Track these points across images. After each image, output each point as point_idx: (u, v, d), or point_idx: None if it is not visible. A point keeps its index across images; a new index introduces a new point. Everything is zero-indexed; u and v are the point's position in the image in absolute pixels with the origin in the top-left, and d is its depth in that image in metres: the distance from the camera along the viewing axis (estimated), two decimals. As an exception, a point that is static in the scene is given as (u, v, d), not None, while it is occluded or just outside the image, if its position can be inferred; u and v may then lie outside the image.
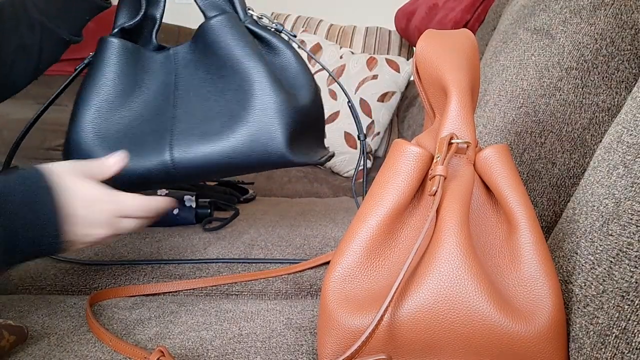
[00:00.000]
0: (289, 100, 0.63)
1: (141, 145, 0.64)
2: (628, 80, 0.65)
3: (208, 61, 0.67)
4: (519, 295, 0.44)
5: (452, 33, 0.52)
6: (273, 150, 0.62)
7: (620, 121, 0.45)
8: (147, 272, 0.70)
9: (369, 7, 2.31)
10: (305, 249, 0.79)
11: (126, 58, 0.67)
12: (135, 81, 0.67)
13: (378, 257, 0.47)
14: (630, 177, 0.41)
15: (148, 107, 0.67)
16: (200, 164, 0.63)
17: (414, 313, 0.43)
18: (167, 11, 0.74)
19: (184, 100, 0.67)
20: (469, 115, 0.47)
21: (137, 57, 0.68)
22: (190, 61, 0.69)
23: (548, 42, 0.72)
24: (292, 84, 0.68)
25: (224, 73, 0.65)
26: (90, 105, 0.65)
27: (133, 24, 0.69)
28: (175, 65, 0.69)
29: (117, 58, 0.67)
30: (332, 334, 0.45)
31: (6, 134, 1.57)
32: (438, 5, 1.53)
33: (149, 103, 0.67)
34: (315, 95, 0.69)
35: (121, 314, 0.58)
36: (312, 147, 0.70)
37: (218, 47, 0.65)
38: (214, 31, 0.66)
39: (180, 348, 0.51)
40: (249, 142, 0.62)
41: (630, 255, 0.39)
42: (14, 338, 0.48)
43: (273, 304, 0.62)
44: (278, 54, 0.69)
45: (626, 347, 0.38)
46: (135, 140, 0.65)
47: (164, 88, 0.68)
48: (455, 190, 0.45)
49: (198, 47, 0.68)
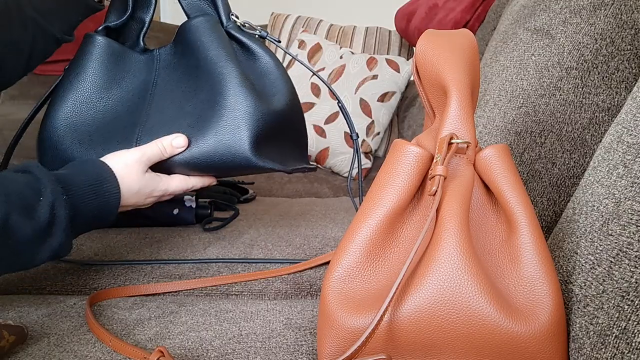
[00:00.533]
0: (260, 104, 0.63)
1: (110, 140, 0.66)
2: (628, 80, 0.65)
3: (185, 61, 0.67)
4: (519, 295, 0.44)
5: (452, 33, 0.52)
6: (237, 152, 0.62)
7: (620, 121, 0.45)
8: (147, 272, 0.70)
9: (369, 7, 2.31)
10: (305, 249, 0.79)
11: (107, 55, 0.68)
12: (114, 78, 0.68)
13: (378, 257, 0.47)
14: (630, 177, 0.41)
15: (124, 104, 0.68)
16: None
17: (414, 313, 0.43)
18: (168, 11, 0.75)
19: (159, 98, 0.68)
20: (469, 115, 0.47)
21: (120, 56, 0.69)
22: (170, 61, 0.70)
23: (548, 42, 0.72)
24: (268, 90, 0.67)
25: (198, 74, 0.65)
26: (67, 98, 0.67)
27: (118, 24, 0.70)
28: (157, 65, 0.70)
29: (98, 54, 0.68)
30: (332, 334, 0.45)
31: (6, 134, 1.57)
32: (438, 6, 1.53)
33: (126, 100, 0.68)
34: (292, 103, 0.68)
35: (121, 314, 0.58)
36: (285, 154, 0.69)
37: (195, 48, 0.66)
38: (192, 31, 0.66)
39: (180, 348, 0.51)
40: (213, 143, 0.62)
41: (630, 255, 0.39)
42: (14, 338, 0.48)
43: (273, 304, 0.62)
44: (257, 60, 0.69)
45: (626, 347, 0.38)
46: (105, 135, 0.66)
47: (144, 87, 0.69)
48: (455, 190, 0.45)
49: (177, 48, 0.69)
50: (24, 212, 0.49)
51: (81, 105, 0.67)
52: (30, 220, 0.50)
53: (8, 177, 0.51)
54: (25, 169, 0.54)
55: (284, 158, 0.68)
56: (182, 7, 0.70)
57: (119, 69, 0.69)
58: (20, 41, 0.70)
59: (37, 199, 0.51)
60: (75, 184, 0.55)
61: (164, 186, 0.65)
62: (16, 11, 0.68)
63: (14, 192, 0.50)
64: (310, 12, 2.02)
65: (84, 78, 0.67)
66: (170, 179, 0.65)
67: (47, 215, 0.51)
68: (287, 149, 0.70)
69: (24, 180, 0.52)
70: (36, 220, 0.50)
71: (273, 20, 1.98)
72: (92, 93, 0.67)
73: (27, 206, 0.50)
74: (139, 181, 0.62)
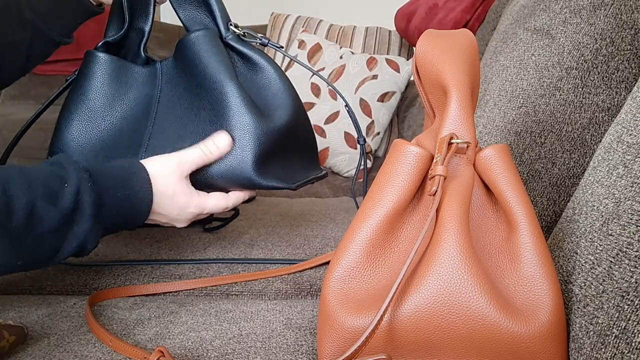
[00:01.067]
0: (261, 122, 0.61)
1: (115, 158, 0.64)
2: (628, 80, 0.65)
3: (187, 77, 0.66)
4: (519, 295, 0.44)
5: (452, 33, 0.52)
6: (240, 174, 0.61)
7: (620, 121, 0.45)
8: (147, 272, 0.70)
9: (369, 7, 2.30)
10: (305, 249, 0.79)
11: (109, 72, 0.68)
12: (117, 95, 0.68)
13: (378, 257, 0.47)
14: (630, 177, 0.41)
15: (128, 121, 0.67)
16: None
17: (414, 313, 0.43)
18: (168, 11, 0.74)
19: (162, 116, 0.67)
20: (469, 115, 0.47)
21: (121, 71, 0.68)
22: (172, 76, 0.68)
23: (548, 42, 0.72)
24: (271, 103, 0.66)
25: (199, 91, 0.64)
26: (72, 118, 0.66)
27: (117, 38, 0.69)
28: (160, 80, 0.69)
29: (99, 72, 0.67)
30: (332, 334, 0.45)
31: (6, 134, 1.57)
32: (438, 6, 1.53)
33: (129, 118, 0.67)
34: (296, 115, 0.66)
35: (121, 314, 0.58)
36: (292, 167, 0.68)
37: (194, 64, 0.64)
38: (189, 47, 0.65)
39: (180, 348, 0.51)
40: (216, 165, 0.61)
41: (630, 255, 0.39)
42: (14, 338, 0.48)
43: (273, 304, 0.62)
44: (259, 72, 0.67)
45: (626, 347, 0.38)
46: (109, 154, 0.65)
47: (147, 102, 0.68)
48: (455, 190, 0.45)
49: (178, 63, 0.68)
50: (49, 198, 0.48)
51: (86, 125, 0.66)
52: (56, 207, 0.49)
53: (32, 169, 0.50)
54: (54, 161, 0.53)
55: (291, 171, 0.67)
56: (181, 20, 0.68)
57: (121, 85, 0.68)
58: (19, 43, 0.70)
59: (62, 186, 0.50)
60: (102, 173, 0.54)
61: (201, 203, 0.61)
62: (15, 13, 0.68)
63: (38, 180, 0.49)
64: (310, 12, 2.02)
65: (87, 97, 0.67)
66: (207, 197, 0.62)
67: (72, 201, 0.50)
68: (295, 161, 0.68)
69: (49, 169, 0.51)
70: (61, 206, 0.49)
71: (273, 20, 1.98)
72: (95, 112, 0.67)
73: (51, 193, 0.49)
74: (174, 185, 0.58)
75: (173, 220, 0.61)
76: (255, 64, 0.67)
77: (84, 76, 0.68)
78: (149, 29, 0.71)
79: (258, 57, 0.67)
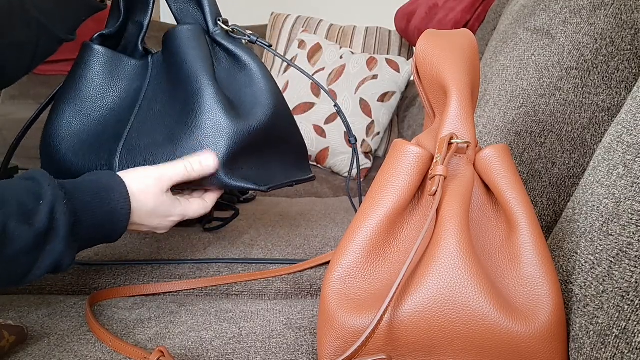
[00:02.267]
0: (234, 121, 0.60)
1: (99, 150, 0.65)
2: (628, 80, 0.65)
3: (170, 71, 0.66)
4: (519, 295, 0.44)
5: (452, 33, 0.52)
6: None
7: (620, 121, 0.45)
8: (147, 272, 0.70)
9: (369, 7, 2.30)
10: (305, 249, 0.79)
11: (102, 64, 0.68)
12: (109, 87, 0.68)
13: (378, 257, 0.47)
14: (630, 177, 0.41)
15: (116, 113, 0.67)
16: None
17: (414, 313, 0.43)
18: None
19: (145, 109, 0.66)
20: (469, 115, 0.47)
21: (115, 64, 0.69)
22: (160, 70, 0.68)
23: (548, 42, 0.72)
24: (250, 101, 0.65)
25: (177, 86, 0.64)
26: (64, 107, 0.67)
27: (112, 31, 0.69)
28: (150, 73, 0.69)
29: (93, 63, 0.68)
30: (332, 334, 0.45)
31: (6, 134, 1.57)
32: (438, 6, 1.53)
33: (115, 110, 0.67)
34: (276, 116, 0.65)
35: (121, 314, 0.58)
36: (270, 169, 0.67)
37: (176, 59, 0.64)
38: (173, 40, 0.65)
39: (180, 348, 0.51)
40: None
41: (630, 255, 0.39)
42: (14, 338, 0.48)
43: (273, 304, 0.62)
44: (243, 69, 0.66)
45: (626, 347, 0.38)
46: (96, 145, 0.65)
47: (135, 95, 0.68)
48: (455, 190, 0.45)
49: (165, 55, 0.68)
50: (23, 218, 0.48)
51: (77, 114, 0.66)
52: (30, 227, 0.48)
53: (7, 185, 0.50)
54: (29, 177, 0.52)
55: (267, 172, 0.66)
56: (172, 12, 0.68)
57: (114, 77, 0.68)
58: (24, 41, 0.70)
59: (36, 204, 0.49)
60: (79, 189, 0.53)
61: (182, 211, 0.62)
62: (20, 11, 0.68)
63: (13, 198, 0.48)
64: (310, 12, 2.02)
65: (80, 88, 0.67)
66: (189, 203, 0.63)
67: (46, 220, 0.49)
68: (274, 163, 0.67)
69: (25, 186, 0.50)
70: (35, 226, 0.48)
71: (273, 20, 1.98)
72: (87, 102, 0.67)
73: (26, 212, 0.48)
74: (154, 200, 0.58)
75: (154, 228, 0.61)
76: (240, 62, 0.66)
77: (78, 66, 0.68)
78: (147, 22, 0.71)
79: (243, 54, 0.66)
